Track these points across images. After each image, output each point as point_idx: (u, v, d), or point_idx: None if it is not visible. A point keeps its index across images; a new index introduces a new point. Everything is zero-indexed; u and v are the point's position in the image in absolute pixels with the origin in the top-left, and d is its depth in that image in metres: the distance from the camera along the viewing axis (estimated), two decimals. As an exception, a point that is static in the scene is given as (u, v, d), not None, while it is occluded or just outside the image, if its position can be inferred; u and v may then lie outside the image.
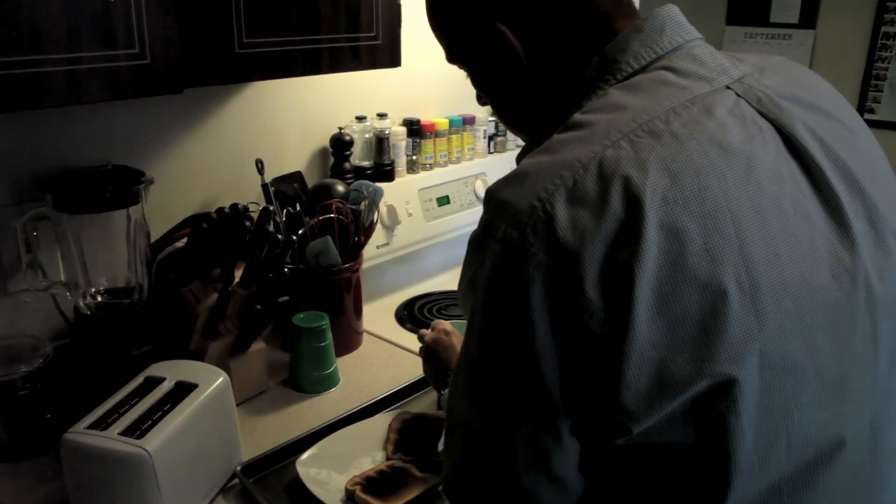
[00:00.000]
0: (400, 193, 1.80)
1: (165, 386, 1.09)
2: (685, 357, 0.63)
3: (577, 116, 0.73)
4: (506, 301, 0.67)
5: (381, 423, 1.24)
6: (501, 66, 0.84)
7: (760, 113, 0.73)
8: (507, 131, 2.13)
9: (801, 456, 0.68)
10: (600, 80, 0.77)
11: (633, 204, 0.64)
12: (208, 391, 1.08)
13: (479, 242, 0.69)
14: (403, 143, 1.83)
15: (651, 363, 0.63)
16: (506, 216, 0.67)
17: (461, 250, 1.22)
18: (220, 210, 1.30)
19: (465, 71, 0.91)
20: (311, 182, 1.64)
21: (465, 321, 0.73)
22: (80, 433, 0.99)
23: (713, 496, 0.66)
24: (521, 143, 2.16)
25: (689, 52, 0.77)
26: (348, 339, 1.52)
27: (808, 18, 3.16)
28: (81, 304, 1.24)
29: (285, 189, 1.55)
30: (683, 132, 0.68)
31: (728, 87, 0.74)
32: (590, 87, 0.78)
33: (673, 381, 0.63)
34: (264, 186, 1.48)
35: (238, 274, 1.32)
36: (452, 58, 0.92)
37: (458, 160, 2.00)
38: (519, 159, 0.83)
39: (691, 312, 0.63)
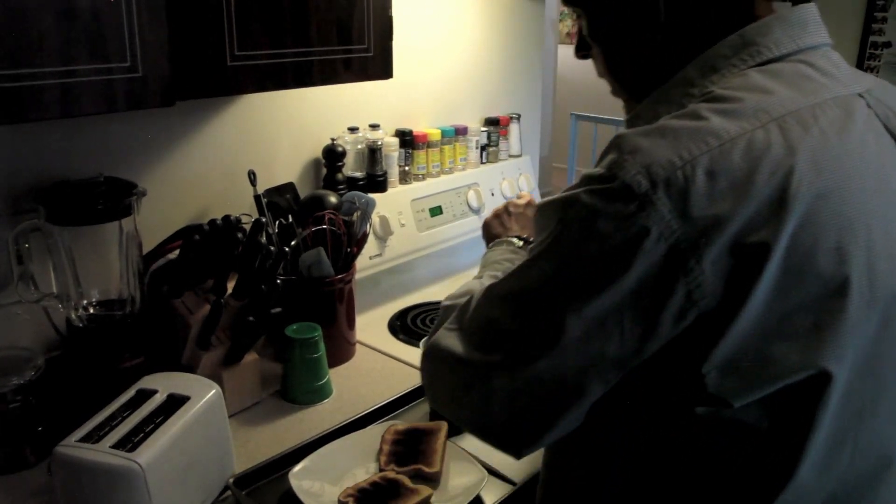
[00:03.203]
0: (392, 204, 1.81)
1: (157, 398, 1.08)
2: (792, 347, 0.65)
3: (719, 90, 0.73)
4: (606, 239, 0.65)
5: (374, 434, 1.24)
6: (635, 13, 0.81)
7: (886, 128, 0.76)
8: (498, 142, 2.14)
9: (861, 464, 0.70)
10: (736, 58, 0.77)
11: (779, 190, 0.64)
12: (200, 403, 1.08)
13: (596, 177, 0.67)
14: (396, 154, 1.84)
15: (755, 348, 0.65)
16: (637, 162, 0.65)
17: (454, 260, 1.22)
18: (213, 222, 1.30)
19: (583, 13, 0.87)
20: (303, 193, 1.64)
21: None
22: (72, 446, 0.98)
23: (772, 483, 0.68)
24: (514, 152, 2.19)
25: (825, 53, 0.78)
26: (341, 350, 1.52)
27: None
28: (73, 316, 1.24)
29: (278, 200, 1.55)
30: (830, 130, 0.70)
31: (860, 96, 0.76)
32: (722, 62, 0.77)
33: (774, 368, 0.65)
34: (257, 198, 1.48)
35: (230, 285, 1.32)
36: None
37: (451, 171, 2.01)
38: (630, 123, 0.81)
39: (808, 305, 0.65)
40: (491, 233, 1.29)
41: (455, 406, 0.81)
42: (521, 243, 1.16)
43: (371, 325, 1.69)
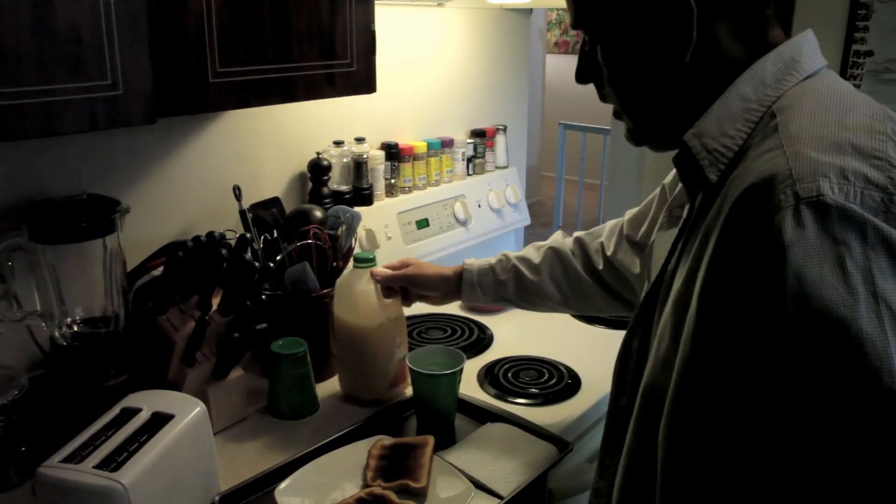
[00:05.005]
0: (379, 217, 1.81)
1: (142, 416, 1.08)
2: None
3: (805, 102, 0.76)
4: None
5: (360, 449, 1.23)
6: (664, 32, 0.81)
7: None
8: (485, 154, 2.15)
9: None
10: (783, 73, 0.80)
11: None
12: (185, 421, 1.08)
13: (832, 216, 0.65)
14: (382, 167, 1.84)
15: None
16: (852, 179, 0.66)
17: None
18: (197, 238, 1.30)
19: (598, 36, 0.87)
20: (289, 207, 1.64)
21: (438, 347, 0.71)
22: (55, 467, 0.98)
23: None
24: (501, 164, 2.20)
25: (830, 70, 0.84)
26: (328, 364, 1.51)
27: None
28: (57, 334, 1.23)
29: (263, 215, 1.55)
30: None
31: None
32: (770, 77, 0.80)
33: None
34: (242, 213, 1.48)
35: (216, 301, 1.32)
36: (590, 18, 0.87)
37: (437, 183, 2.01)
38: (696, 139, 0.82)
39: None
40: None
41: None
42: None
43: (358, 339, 1.68)
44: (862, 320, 0.63)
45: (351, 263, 1.44)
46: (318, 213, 1.54)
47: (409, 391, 1.44)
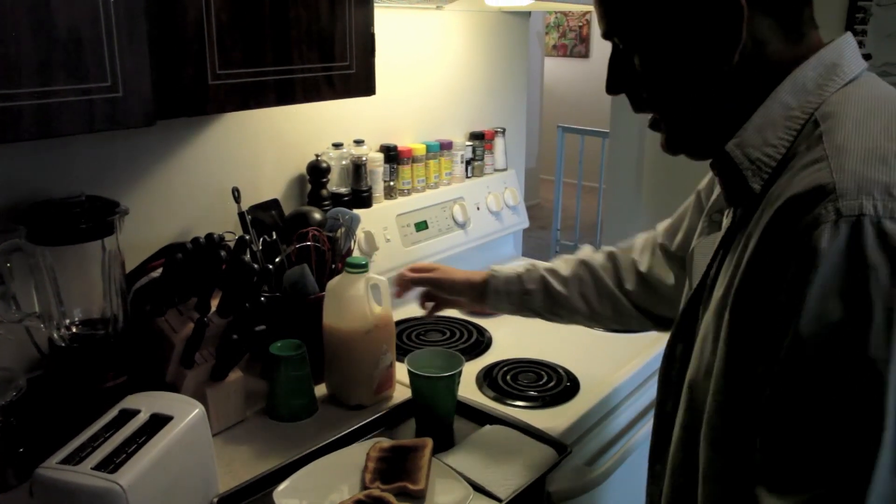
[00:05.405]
0: (378, 219, 1.81)
1: (140, 418, 1.08)
2: None
3: (848, 109, 0.76)
4: None
5: (359, 451, 1.23)
6: (712, 33, 0.80)
7: None
8: (484, 157, 2.15)
9: None
10: (825, 79, 0.80)
11: None
12: (183, 423, 1.07)
13: (869, 235, 0.65)
14: (381, 170, 1.84)
15: None
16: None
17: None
18: (196, 240, 1.30)
19: (637, 43, 0.85)
20: (288, 209, 1.64)
21: (439, 349, 0.72)
22: (53, 468, 0.97)
23: None
24: (500, 166, 2.20)
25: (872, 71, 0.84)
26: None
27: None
28: (56, 335, 1.23)
29: (262, 217, 1.55)
30: None
31: None
32: (812, 83, 0.80)
33: None
34: (241, 215, 1.48)
35: (214, 303, 1.32)
36: (629, 26, 0.85)
37: (436, 185, 2.01)
38: (739, 150, 0.81)
39: None
40: None
41: None
42: None
43: (357, 341, 1.68)
44: (871, 345, 0.64)
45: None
46: (317, 215, 1.54)
47: (395, 396, 1.44)
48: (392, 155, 1.87)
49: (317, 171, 1.70)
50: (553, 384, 1.51)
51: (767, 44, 0.80)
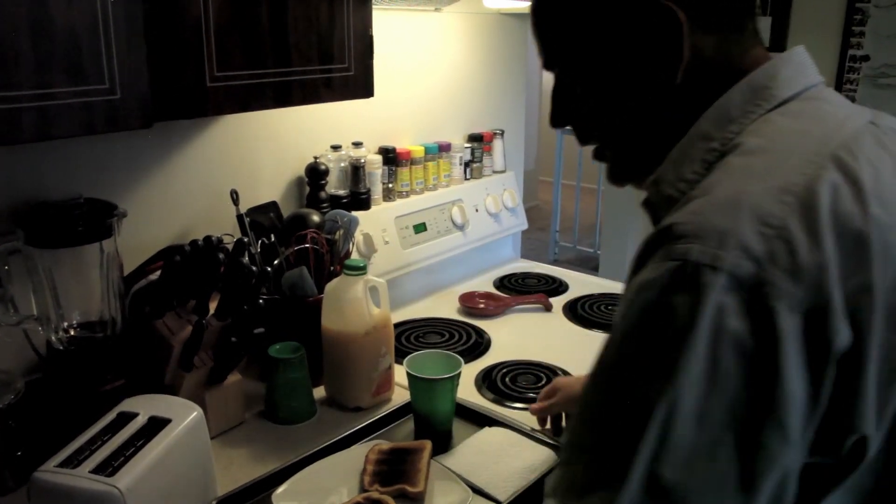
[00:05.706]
0: (376, 221, 1.81)
1: (139, 421, 1.08)
2: None
3: (752, 140, 0.72)
4: (739, 342, 0.62)
5: (358, 454, 1.23)
6: (653, 54, 0.76)
7: None
8: (482, 158, 2.15)
9: None
10: (751, 104, 0.75)
11: (862, 227, 0.64)
12: (182, 426, 1.07)
13: (684, 281, 0.63)
14: (379, 172, 1.84)
15: (889, 377, 0.65)
16: (729, 245, 0.62)
17: (439, 277, 1.22)
18: (194, 242, 1.30)
19: (578, 74, 0.82)
20: (286, 212, 1.64)
21: (431, 351, 0.72)
22: (51, 472, 0.97)
23: None
24: (498, 168, 2.20)
25: (824, 89, 0.78)
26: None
27: (778, 42, 3.21)
28: (54, 338, 1.23)
29: (261, 219, 1.55)
30: (876, 160, 0.70)
31: (873, 124, 0.75)
32: (737, 111, 0.75)
33: None
34: (239, 217, 1.48)
35: (213, 306, 1.32)
36: (567, 56, 0.82)
37: (435, 187, 2.01)
38: (654, 188, 0.79)
39: None
40: None
41: None
42: None
43: (355, 343, 1.68)
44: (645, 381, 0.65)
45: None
46: (316, 218, 1.54)
47: (394, 398, 1.44)
48: (391, 157, 1.87)
49: (315, 174, 1.70)
50: (552, 386, 1.51)
51: (711, 64, 0.76)
